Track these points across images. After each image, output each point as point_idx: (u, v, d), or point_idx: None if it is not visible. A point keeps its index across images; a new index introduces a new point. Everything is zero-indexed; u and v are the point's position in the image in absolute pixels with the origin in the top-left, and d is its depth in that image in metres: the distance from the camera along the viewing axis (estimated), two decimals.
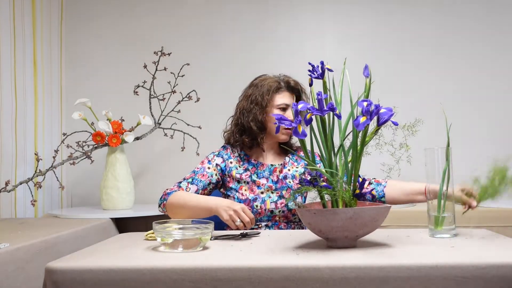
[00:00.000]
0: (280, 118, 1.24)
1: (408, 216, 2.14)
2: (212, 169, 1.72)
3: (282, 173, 1.74)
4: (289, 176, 1.74)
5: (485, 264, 1.00)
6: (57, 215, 2.27)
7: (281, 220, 1.70)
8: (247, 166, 1.75)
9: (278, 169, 1.75)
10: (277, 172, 1.74)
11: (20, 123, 2.43)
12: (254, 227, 1.67)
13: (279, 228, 1.70)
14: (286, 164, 1.77)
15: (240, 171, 1.73)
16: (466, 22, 2.80)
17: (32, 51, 2.57)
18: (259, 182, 1.71)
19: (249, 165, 1.75)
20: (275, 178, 1.73)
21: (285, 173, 1.74)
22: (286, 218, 1.71)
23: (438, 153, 1.32)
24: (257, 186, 1.71)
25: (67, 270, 1.08)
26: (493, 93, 2.77)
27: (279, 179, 1.73)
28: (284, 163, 1.77)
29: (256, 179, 1.72)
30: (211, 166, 1.73)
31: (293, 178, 1.73)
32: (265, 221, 1.69)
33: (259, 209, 1.67)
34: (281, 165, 1.77)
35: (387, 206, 1.20)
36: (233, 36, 2.90)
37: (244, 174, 1.72)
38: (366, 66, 1.27)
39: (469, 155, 2.72)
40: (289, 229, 1.71)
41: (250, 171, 1.74)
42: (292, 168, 1.76)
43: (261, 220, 1.69)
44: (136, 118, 2.48)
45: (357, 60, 2.01)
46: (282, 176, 1.74)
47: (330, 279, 1.01)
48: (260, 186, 1.71)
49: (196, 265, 1.05)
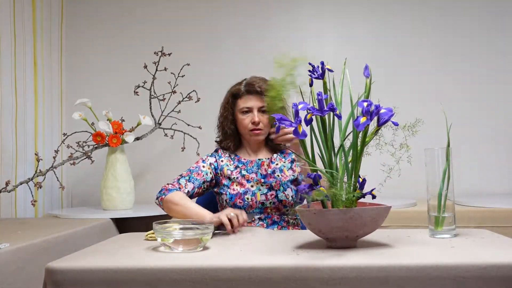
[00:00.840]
0: (280, 118, 1.24)
1: (408, 216, 2.14)
2: (207, 167, 1.80)
3: (270, 168, 1.79)
4: (277, 170, 1.78)
5: (485, 264, 1.00)
6: (57, 215, 2.27)
7: (273, 212, 1.74)
8: (237, 164, 1.81)
9: (266, 163, 1.80)
10: (265, 166, 1.79)
11: (20, 123, 2.44)
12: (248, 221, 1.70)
13: (272, 220, 1.73)
14: (274, 159, 1.82)
15: (231, 168, 1.79)
16: (466, 22, 2.80)
17: (32, 51, 2.57)
18: (249, 176, 1.77)
19: (239, 164, 1.82)
20: (263, 171, 1.78)
21: (273, 168, 1.79)
22: (278, 210, 1.74)
23: (438, 153, 1.32)
24: (246, 180, 1.76)
25: (67, 270, 1.08)
26: (493, 93, 2.77)
27: (267, 173, 1.78)
28: (271, 158, 1.82)
29: (246, 174, 1.78)
30: (205, 165, 1.80)
31: (281, 172, 1.78)
32: (258, 213, 1.73)
33: (250, 202, 1.72)
34: (269, 159, 1.82)
35: (387, 206, 1.20)
36: (233, 36, 2.90)
37: (234, 171, 1.78)
38: (367, 66, 1.27)
39: (469, 155, 2.72)
40: (282, 221, 1.74)
41: (240, 168, 1.80)
42: (280, 163, 1.81)
43: (253, 213, 1.73)
44: (136, 118, 2.49)
45: (357, 60, 2.00)
46: (271, 171, 1.78)
47: (330, 279, 1.01)
48: (250, 180, 1.76)
49: (196, 265, 1.05)
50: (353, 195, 1.19)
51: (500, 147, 2.75)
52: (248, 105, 1.77)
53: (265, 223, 1.72)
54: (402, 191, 2.50)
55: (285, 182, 1.74)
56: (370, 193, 1.26)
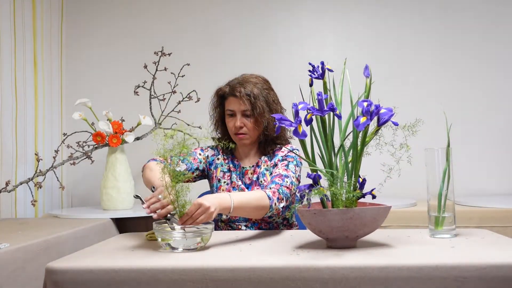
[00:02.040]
0: (280, 118, 1.24)
1: (408, 216, 2.14)
2: (202, 157, 1.79)
3: (255, 174, 1.72)
4: (261, 175, 1.71)
5: (485, 264, 1.00)
6: (57, 215, 2.27)
7: (260, 221, 1.69)
8: (230, 165, 1.77)
9: (250, 171, 1.73)
10: (249, 175, 1.73)
11: (20, 123, 2.44)
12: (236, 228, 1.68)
13: (260, 228, 1.69)
14: (260, 163, 1.74)
15: (224, 169, 1.76)
16: (467, 21, 2.80)
17: (32, 51, 2.57)
18: (235, 184, 1.73)
19: (232, 165, 1.77)
20: (247, 180, 1.73)
21: (258, 174, 1.72)
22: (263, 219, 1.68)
23: (438, 153, 1.32)
24: (233, 187, 1.73)
25: (67, 270, 1.08)
26: (493, 93, 2.77)
27: (252, 181, 1.72)
28: (258, 162, 1.74)
29: (234, 180, 1.74)
30: (202, 154, 1.79)
31: (263, 176, 1.70)
32: (243, 221, 1.69)
33: None
34: (254, 166, 1.74)
35: (387, 206, 1.20)
36: (233, 36, 2.90)
37: (226, 174, 1.75)
38: (367, 66, 1.27)
39: (469, 155, 2.72)
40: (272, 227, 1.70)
41: (231, 171, 1.75)
42: (264, 166, 1.73)
43: (239, 221, 1.69)
44: (136, 118, 2.48)
45: (357, 60, 2.01)
46: (256, 177, 1.72)
47: (330, 279, 1.01)
48: (235, 188, 1.73)
49: (196, 265, 1.06)
50: (353, 195, 1.19)
51: (500, 147, 2.74)
52: (231, 108, 1.70)
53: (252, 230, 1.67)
54: (402, 191, 2.50)
55: None
56: (370, 193, 1.26)
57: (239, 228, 1.68)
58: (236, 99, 1.67)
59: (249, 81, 1.70)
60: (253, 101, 1.65)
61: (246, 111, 1.67)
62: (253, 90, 1.66)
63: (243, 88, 1.66)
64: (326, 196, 1.25)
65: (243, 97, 1.65)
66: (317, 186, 1.21)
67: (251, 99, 1.65)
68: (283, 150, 1.72)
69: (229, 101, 1.71)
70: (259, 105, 1.66)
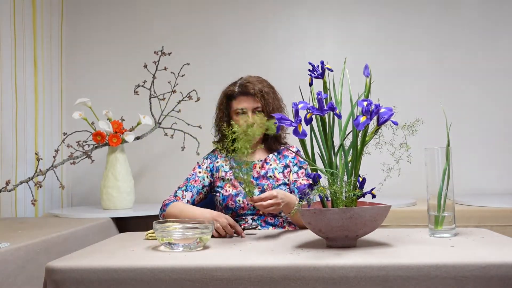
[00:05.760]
0: (280, 118, 1.24)
1: (408, 215, 2.14)
2: (203, 172, 1.80)
3: (264, 169, 1.77)
4: (270, 171, 1.77)
5: (485, 264, 1.00)
6: (57, 215, 2.27)
7: (266, 214, 1.72)
8: (232, 164, 1.77)
9: (258, 165, 1.78)
10: (257, 169, 1.78)
11: (20, 123, 2.44)
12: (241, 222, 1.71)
13: (265, 221, 1.71)
14: (268, 160, 1.80)
15: (226, 169, 1.78)
16: (466, 22, 2.80)
17: (32, 51, 2.57)
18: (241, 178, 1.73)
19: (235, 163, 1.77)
20: (255, 174, 1.77)
21: (267, 169, 1.77)
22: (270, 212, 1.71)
23: (438, 153, 1.32)
24: (239, 182, 1.73)
25: (67, 269, 1.08)
26: (493, 93, 2.77)
27: (260, 175, 1.76)
28: (266, 159, 1.80)
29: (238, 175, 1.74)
30: (201, 170, 1.80)
31: (273, 172, 1.77)
32: (250, 215, 1.72)
33: (242, 204, 1.71)
34: (262, 161, 1.79)
35: (387, 205, 1.20)
36: (233, 35, 2.90)
37: (229, 172, 1.77)
38: (366, 66, 1.27)
39: (469, 155, 2.72)
40: (277, 222, 1.72)
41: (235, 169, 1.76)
42: (273, 164, 1.79)
43: (246, 215, 1.71)
44: (136, 117, 2.48)
45: (357, 60, 2.01)
46: (264, 172, 1.77)
47: (330, 278, 1.01)
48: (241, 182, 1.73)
49: (196, 265, 1.06)
50: (353, 195, 1.19)
51: (500, 146, 2.74)
52: (242, 106, 1.75)
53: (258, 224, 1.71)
54: (402, 190, 2.50)
55: (277, 186, 1.73)
56: (370, 193, 1.26)
57: (246, 221, 1.71)
58: (247, 97, 1.75)
59: (256, 80, 1.79)
60: (266, 97, 1.75)
61: (258, 108, 1.74)
62: (263, 88, 1.76)
63: (255, 86, 1.75)
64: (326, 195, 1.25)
65: (257, 94, 1.73)
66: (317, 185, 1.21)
67: (265, 95, 1.74)
68: (291, 152, 1.80)
69: (238, 100, 1.76)
70: (271, 102, 1.75)
